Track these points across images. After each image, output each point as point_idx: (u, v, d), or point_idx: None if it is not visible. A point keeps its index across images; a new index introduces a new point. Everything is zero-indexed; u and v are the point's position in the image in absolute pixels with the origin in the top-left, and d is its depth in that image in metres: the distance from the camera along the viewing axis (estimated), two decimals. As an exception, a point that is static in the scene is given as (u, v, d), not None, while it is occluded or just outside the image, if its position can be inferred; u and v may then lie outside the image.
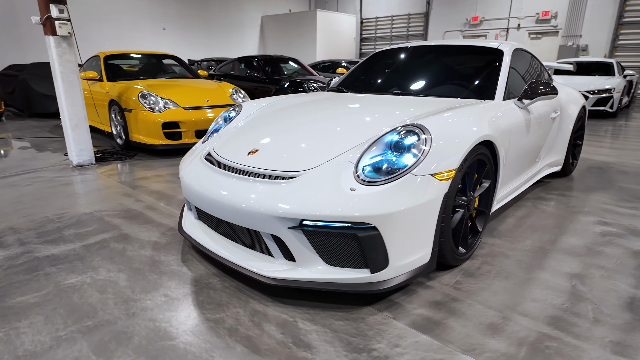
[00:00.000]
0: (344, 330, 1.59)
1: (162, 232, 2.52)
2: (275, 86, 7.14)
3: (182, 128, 4.65)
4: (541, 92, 2.54)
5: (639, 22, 11.97)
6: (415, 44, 3.22)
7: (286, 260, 1.77)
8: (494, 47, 2.83)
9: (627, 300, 1.81)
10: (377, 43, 18.27)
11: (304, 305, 1.76)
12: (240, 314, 1.69)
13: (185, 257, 2.18)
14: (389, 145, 1.77)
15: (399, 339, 1.54)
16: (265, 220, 1.69)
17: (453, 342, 1.53)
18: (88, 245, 2.33)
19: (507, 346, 1.51)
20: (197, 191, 2.01)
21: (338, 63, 11.17)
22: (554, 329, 1.61)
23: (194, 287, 1.90)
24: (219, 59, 12.79)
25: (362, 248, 1.60)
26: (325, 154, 1.85)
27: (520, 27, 14.16)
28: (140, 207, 2.96)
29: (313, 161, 1.83)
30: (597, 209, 2.99)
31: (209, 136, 2.61)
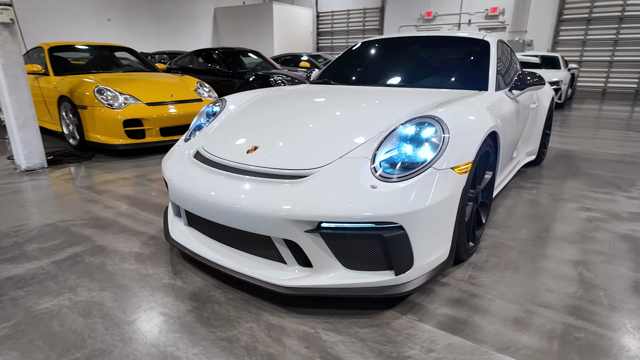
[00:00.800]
0: (372, 338, 1.48)
1: (142, 241, 2.27)
2: (240, 80, 6.85)
3: (146, 126, 4.29)
4: (530, 83, 2.57)
5: (576, 19, 12.87)
6: (400, 35, 3.15)
7: (301, 267, 1.63)
8: (479, 38, 2.83)
9: (632, 285, 1.86)
10: (334, 37, 18.25)
11: (322, 313, 1.63)
12: (255, 329, 1.53)
13: (176, 269, 1.96)
14: (405, 139, 1.68)
15: (431, 343, 1.46)
16: (278, 225, 1.54)
17: (486, 341, 1.47)
18: (58, 261, 2.04)
19: (538, 341, 1.48)
20: (191, 195, 1.80)
21: (299, 56, 10.99)
22: (577, 319, 1.61)
23: (195, 302, 1.70)
24: (172, 52, 12.14)
25: (388, 249, 1.50)
26: (336, 150, 1.72)
27: (471, 22, 14.73)
28: (112, 215, 2.66)
29: (324, 158, 1.69)
30: (575, 195, 3.11)
31: (191, 133, 2.37)
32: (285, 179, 1.65)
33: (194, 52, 8.09)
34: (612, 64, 12.73)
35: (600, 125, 6.78)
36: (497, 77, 2.57)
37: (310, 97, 2.45)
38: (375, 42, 3.19)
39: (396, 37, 3.13)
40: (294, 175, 1.64)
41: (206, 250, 1.82)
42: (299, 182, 1.61)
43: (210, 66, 7.35)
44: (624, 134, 5.98)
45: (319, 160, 1.68)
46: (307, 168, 1.65)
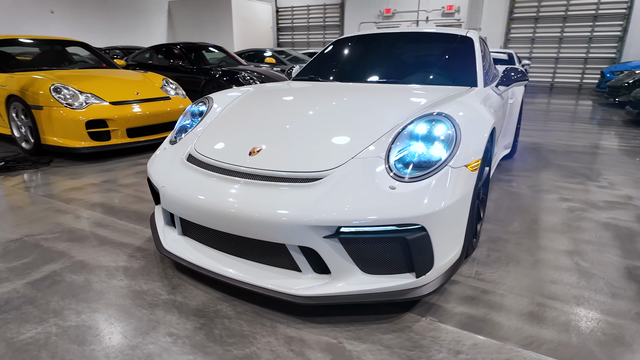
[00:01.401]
0: (398, 344, 1.44)
1: (128, 254, 2.08)
2: (205, 76, 6.57)
3: (111, 126, 3.98)
4: (515, 78, 2.63)
5: (526, 18, 13.60)
6: (385, 31, 3.12)
7: (317, 274, 1.55)
8: (462, 34, 2.86)
9: (625, 272, 1.95)
10: (294, 33, 18.08)
11: (340, 321, 1.56)
12: (274, 344, 1.43)
13: (173, 283, 1.81)
14: (417, 137, 1.64)
15: (457, 345, 1.44)
16: (295, 231, 1.45)
17: (508, 338, 1.47)
18: (34, 282, 1.81)
19: (557, 334, 1.50)
20: (190, 203, 1.66)
21: (262, 52, 10.75)
22: (586, 309, 1.66)
23: (202, 318, 1.57)
24: (125, 47, 11.47)
25: (410, 251, 1.45)
26: (346, 151, 1.65)
27: (429, 19, 15.13)
28: (86, 226, 2.42)
29: (335, 159, 1.61)
30: (552, 186, 3.25)
31: (176, 135, 2.21)
32: (297, 182, 1.56)
33: (153, 48, 7.67)
34: (558, 60, 13.59)
35: (555, 118, 7.19)
36: (483, 73, 2.61)
37: (305, 94, 2.35)
38: (360, 37, 3.15)
39: (381, 33, 3.10)
40: (307, 178, 1.56)
41: (209, 262, 1.69)
42: (313, 185, 1.53)
43: (173, 62, 6.99)
44: (577, 126, 6.38)
45: (330, 162, 1.60)
46: (319, 170, 1.57)
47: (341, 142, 1.72)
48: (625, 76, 8.79)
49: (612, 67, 10.51)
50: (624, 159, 4.18)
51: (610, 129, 6.11)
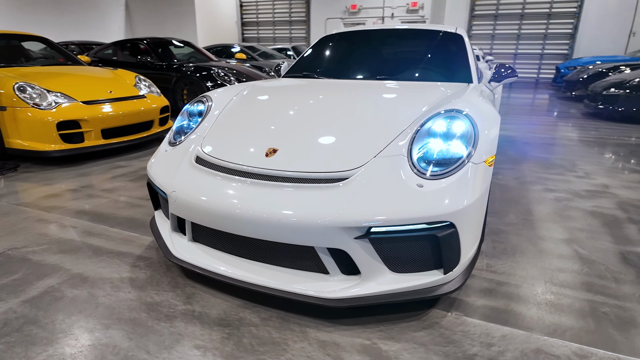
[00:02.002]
0: (431, 341, 1.45)
1: (130, 263, 1.96)
2: (177, 73, 6.32)
3: (84, 127, 3.74)
4: (505, 75, 2.72)
5: (486, 15, 14.13)
6: (373, 27, 3.12)
7: (344, 276, 1.53)
8: (452, 31, 2.92)
9: (620, 257, 2.07)
10: (260, 28, 17.78)
11: (369, 322, 1.55)
12: (309, 350, 1.40)
13: (187, 292, 1.73)
14: (437, 134, 1.65)
15: (487, 337, 1.47)
16: (325, 233, 1.41)
17: (533, 327, 1.52)
18: (31, 300, 1.67)
19: (576, 321, 1.57)
20: (206, 208, 1.58)
21: (230, 47, 10.48)
22: (595, 294, 1.74)
23: (226, 327, 1.51)
24: (81, 42, 10.81)
25: (441, 248, 1.46)
26: (367, 149, 1.63)
27: (394, 16, 15.37)
28: (75, 235, 2.26)
29: (357, 158, 1.59)
30: (535, 177, 3.40)
31: (175, 137, 2.10)
32: (322, 183, 1.52)
33: (117, 43, 7.28)
34: (516, 56, 14.25)
35: (521, 112, 7.54)
36: (476, 70, 2.67)
37: (308, 92, 2.31)
38: (352, 34, 3.13)
39: (372, 29, 3.10)
40: (332, 178, 1.53)
41: (228, 268, 1.62)
42: (340, 185, 1.50)
43: (141, 58, 6.66)
44: (543, 119, 6.72)
45: (353, 161, 1.58)
46: (343, 170, 1.54)
47: (359, 140, 1.70)
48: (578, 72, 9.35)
49: (566, 63, 11.14)
50: (592, 150, 4.45)
51: (572, 121, 6.48)
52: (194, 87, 6.21)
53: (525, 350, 1.40)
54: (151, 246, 2.13)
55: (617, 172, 3.59)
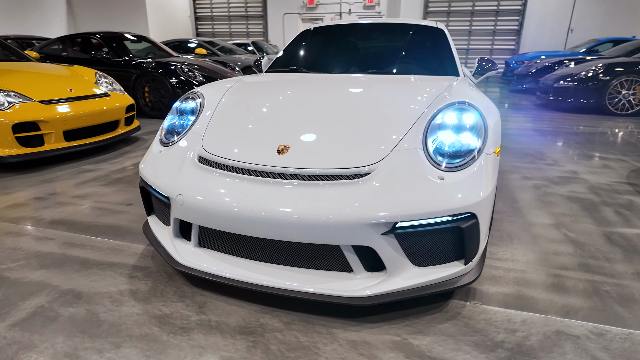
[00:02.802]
0: (457, 332, 1.46)
1: (126, 274, 1.81)
2: (137, 70, 5.96)
3: (44, 129, 3.42)
4: (487, 68, 2.81)
5: (439, 12, 14.62)
6: (357, 21, 3.10)
7: (368, 273, 1.50)
8: (434, 26, 2.97)
9: (605, 238, 2.21)
10: (215, 23, 17.24)
11: (393, 317, 1.54)
12: (341, 351, 1.36)
13: (197, 300, 1.62)
14: (448, 127, 1.66)
15: (509, 323, 1.51)
16: (352, 231, 1.38)
17: (548, 310, 1.58)
18: (20, 322, 1.49)
19: (584, 301, 1.65)
20: (220, 210, 1.49)
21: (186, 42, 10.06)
22: (593, 274, 1.85)
23: (250, 335, 1.43)
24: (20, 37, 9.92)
25: (464, 239, 1.48)
26: (381, 143, 1.61)
27: (351, 12, 15.50)
28: (56, 247, 2.05)
29: (374, 153, 1.57)
30: (511, 167, 3.56)
31: (167, 136, 1.96)
32: (343, 179, 1.48)
33: (65, 37, 6.74)
34: (468, 51, 14.89)
35: (480, 105, 7.87)
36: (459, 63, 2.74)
37: (306, 87, 2.24)
38: (336, 27, 3.09)
39: (357, 23, 3.07)
40: (353, 174, 1.49)
41: (244, 273, 1.54)
42: (362, 181, 1.47)
43: (95, 54, 6.21)
44: (501, 111, 7.07)
45: (370, 156, 1.55)
46: (363, 165, 1.51)
47: (371, 135, 1.67)
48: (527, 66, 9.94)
49: (514, 58, 11.81)
50: (553, 139, 4.74)
51: (528, 112, 6.87)
52: (157, 85, 5.89)
53: (547, 333, 1.46)
54: (145, 254, 1.99)
55: (581, 159, 3.85)
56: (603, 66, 6.53)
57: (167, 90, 5.82)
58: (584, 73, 6.69)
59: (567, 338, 1.43)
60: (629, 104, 6.42)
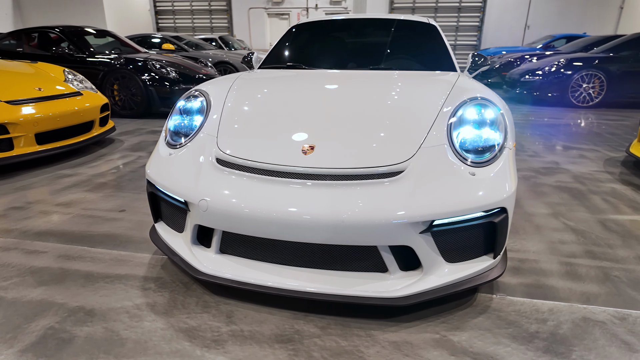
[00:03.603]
0: (492, 325, 1.48)
1: (139, 287, 1.69)
2: (104, 67, 5.62)
3: (14, 132, 3.14)
4: (480, 64, 2.87)
5: (404, 7, 14.86)
6: (350, 16, 3.07)
7: (404, 272, 1.48)
8: (427, 22, 3.00)
9: (601, 225, 2.33)
10: (176, 17, 16.61)
11: (427, 315, 1.53)
12: (385, 353, 1.34)
13: (224, 310, 1.54)
14: (469, 122, 1.67)
15: (538, 313, 1.55)
16: (392, 231, 1.36)
17: (569, 298, 1.64)
18: (31, 348, 1.35)
19: (599, 287, 1.72)
20: (250, 215, 1.42)
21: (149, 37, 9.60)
22: (601, 260, 1.94)
23: (288, 343, 1.38)
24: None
25: (496, 234, 1.50)
26: (407, 140, 1.60)
27: (318, 7, 15.43)
28: (52, 262, 1.89)
29: (402, 150, 1.55)
30: (497, 159, 3.67)
31: (174, 138, 1.85)
32: (376, 178, 1.45)
33: (21, 32, 6.23)
34: (433, 47, 15.25)
35: (451, 99, 8.10)
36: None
37: (315, 84, 2.18)
38: (329, 22, 3.04)
39: (351, 18, 3.04)
40: (386, 173, 1.46)
41: (276, 279, 1.47)
42: (396, 180, 1.44)
43: (57, 50, 5.79)
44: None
45: (399, 154, 1.53)
46: (394, 163, 1.49)
47: (394, 132, 1.65)
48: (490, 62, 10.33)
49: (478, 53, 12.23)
50: (527, 131, 4.95)
51: (498, 106, 7.13)
52: (127, 82, 5.59)
53: (574, 320, 1.51)
54: (154, 264, 1.87)
55: (558, 150, 4.04)
56: (565, 61, 6.90)
57: (139, 88, 5.53)
58: (548, 68, 7.04)
59: (595, 324, 1.49)
60: (589, 97, 6.82)
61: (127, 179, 3.06)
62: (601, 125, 5.35)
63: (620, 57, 6.75)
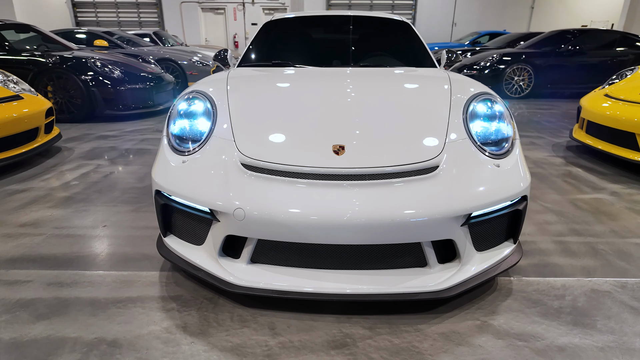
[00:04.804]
0: (522, 306, 1.58)
1: (160, 308, 1.55)
2: (34, 67, 5.00)
3: (-54, 145, 2.68)
4: (454, 60, 3.02)
5: (342, 4, 15.10)
6: (327, 13, 3.05)
7: (442, 265, 1.53)
8: (401, 20, 3.08)
9: (573, 205, 2.59)
10: (98, 10, 15.26)
11: (462, 303, 1.59)
12: (439, 345, 1.37)
13: (264, 322, 1.47)
14: (481, 116, 1.76)
15: (554, 290, 1.68)
16: (438, 226, 1.39)
17: (575, 273, 1.81)
18: (57, 392, 1.17)
19: (593, 260, 1.92)
20: (290, 220, 1.36)
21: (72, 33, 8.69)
22: (585, 237, 2.16)
23: (344, 348, 1.35)
24: None
25: (520, 220, 1.60)
26: (431, 136, 1.64)
27: (255, 2, 15.11)
28: (42, 291, 1.65)
29: (429, 146, 1.58)
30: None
31: (181, 144, 1.71)
32: (412, 175, 1.47)
33: None
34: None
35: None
36: (431, 56, 2.90)
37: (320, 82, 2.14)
38: (307, 19, 2.99)
39: (327, 15, 3.02)
40: (421, 169, 1.49)
41: (321, 284, 1.44)
42: (432, 176, 1.48)
43: (-29, 47, 5.01)
44: (420, 98, 7.68)
45: (428, 150, 1.57)
46: (425, 160, 1.52)
47: (416, 127, 1.69)
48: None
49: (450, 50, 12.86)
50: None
51: (442, 99, 7.57)
52: (64, 83, 5.03)
53: (586, 293, 1.67)
54: (166, 281, 1.72)
55: (510, 138, 4.39)
56: (497, 56, 7.51)
57: (79, 89, 5.01)
58: (483, 63, 7.61)
59: (603, 295, 1.66)
60: (520, 89, 7.51)
61: (94, 191, 2.77)
62: (537, 114, 5.92)
63: (542, 52, 7.51)
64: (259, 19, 15.36)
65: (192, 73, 7.80)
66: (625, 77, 3.90)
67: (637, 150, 3.11)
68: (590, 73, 7.41)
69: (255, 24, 15.40)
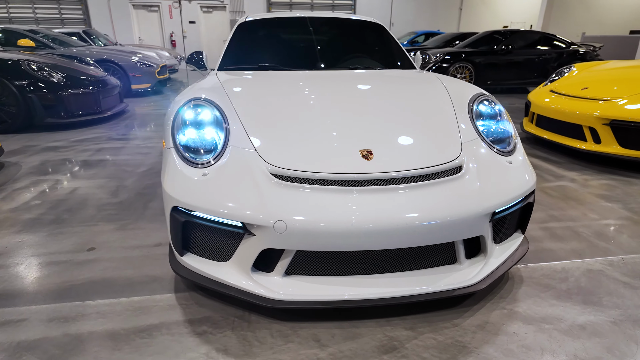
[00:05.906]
0: (536, 292, 1.71)
1: (192, 333, 1.45)
2: (-46, 71, 4.34)
3: None
4: (428, 61, 3.15)
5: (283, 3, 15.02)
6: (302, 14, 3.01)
7: (469, 260, 1.60)
8: (373, 21, 3.15)
9: (544, 193, 2.84)
10: (10, 6, 13.66)
11: (482, 295, 1.68)
12: (480, 337, 1.44)
13: (305, 335, 1.44)
14: (484, 115, 1.87)
15: (557, 273, 1.84)
16: (471, 225, 1.46)
17: (569, 257, 1.99)
18: None
19: (579, 243, 2.12)
20: (335, 230, 1.35)
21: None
22: (565, 222, 2.38)
23: (394, 351, 1.37)
24: None
25: (530, 212, 1.72)
26: (447, 136, 1.71)
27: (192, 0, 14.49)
28: (45, 329, 1.46)
29: (449, 147, 1.65)
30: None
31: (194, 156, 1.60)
32: (442, 176, 1.52)
33: None
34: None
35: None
36: (408, 57, 3.01)
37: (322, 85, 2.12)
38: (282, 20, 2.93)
39: (302, 16, 2.97)
40: (448, 170, 1.55)
41: (357, 291, 1.43)
42: (460, 176, 1.54)
43: None
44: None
45: (450, 151, 1.63)
46: (448, 161, 1.58)
47: (432, 129, 1.74)
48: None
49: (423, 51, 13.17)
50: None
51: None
52: (-7, 89, 4.44)
53: (585, 274, 1.84)
54: (186, 303, 1.61)
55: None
56: (440, 55, 7.95)
57: (13, 96, 4.45)
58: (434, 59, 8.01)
59: (598, 273, 1.85)
60: (462, 85, 8.02)
61: (64, 210, 2.49)
62: (482, 109, 6.37)
63: (479, 52, 8.10)
64: (197, 16, 14.75)
65: (136, 75, 7.30)
66: (564, 75, 4.34)
67: (585, 140, 3.48)
68: (522, 70, 8.14)
69: (194, 22, 14.78)
